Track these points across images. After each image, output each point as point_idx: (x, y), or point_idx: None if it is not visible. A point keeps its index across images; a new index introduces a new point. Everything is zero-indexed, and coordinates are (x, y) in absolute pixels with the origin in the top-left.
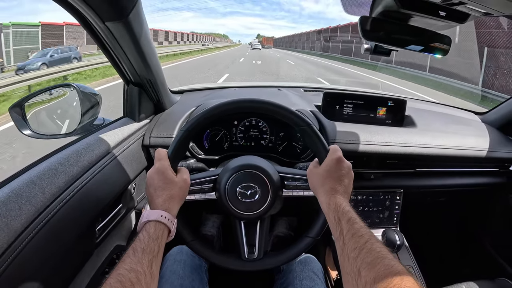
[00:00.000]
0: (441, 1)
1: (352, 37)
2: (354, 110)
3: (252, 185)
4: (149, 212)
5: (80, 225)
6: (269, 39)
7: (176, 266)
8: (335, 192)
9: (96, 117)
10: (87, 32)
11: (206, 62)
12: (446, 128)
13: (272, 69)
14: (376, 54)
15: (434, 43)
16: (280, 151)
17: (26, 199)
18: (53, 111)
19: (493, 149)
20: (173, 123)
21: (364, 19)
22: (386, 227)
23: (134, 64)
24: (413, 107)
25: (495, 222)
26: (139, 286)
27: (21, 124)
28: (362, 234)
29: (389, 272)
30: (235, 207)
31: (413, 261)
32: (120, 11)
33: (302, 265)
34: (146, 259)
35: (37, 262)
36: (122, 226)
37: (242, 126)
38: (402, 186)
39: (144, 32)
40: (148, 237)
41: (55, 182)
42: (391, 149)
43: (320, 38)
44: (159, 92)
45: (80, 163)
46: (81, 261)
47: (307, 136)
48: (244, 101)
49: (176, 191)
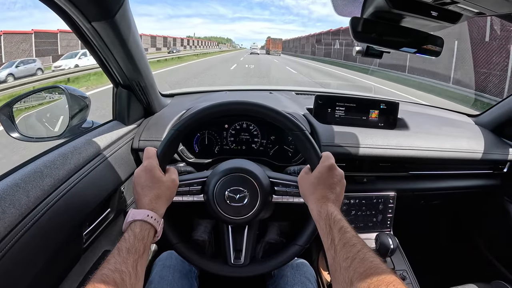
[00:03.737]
0: (433, 1)
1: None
2: (346, 113)
3: (241, 189)
4: (135, 211)
5: (66, 229)
6: (276, 42)
7: (165, 271)
8: (326, 200)
9: (85, 120)
10: (74, 33)
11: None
12: (439, 131)
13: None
14: (368, 56)
15: (427, 44)
16: (271, 155)
17: (10, 202)
18: (41, 114)
19: (486, 151)
20: (163, 126)
21: (355, 20)
22: (379, 231)
23: (123, 66)
24: (405, 110)
25: (490, 224)
26: (123, 286)
27: (9, 126)
28: (354, 243)
29: (382, 283)
30: (223, 211)
31: (407, 265)
32: (106, 11)
33: (294, 270)
34: (131, 259)
35: (21, 267)
36: (110, 230)
37: (233, 129)
38: (395, 189)
39: (132, 33)
40: (134, 237)
41: (40, 185)
42: (384, 152)
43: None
44: (149, 95)
45: (66, 166)
46: (68, 266)
47: (300, 142)
48: (237, 103)
49: (163, 190)
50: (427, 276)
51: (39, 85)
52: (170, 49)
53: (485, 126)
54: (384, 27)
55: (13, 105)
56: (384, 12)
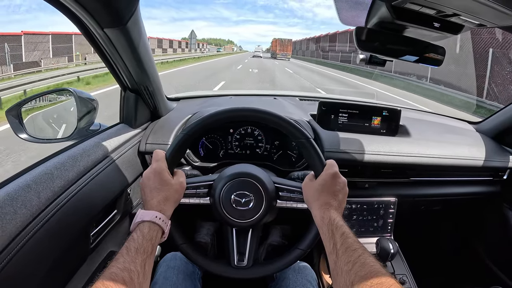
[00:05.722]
0: (435, 13)
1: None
2: (349, 120)
3: (247, 193)
4: (143, 212)
5: (75, 230)
6: (284, 43)
7: (169, 272)
8: (329, 206)
9: (92, 122)
10: (86, 38)
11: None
12: (440, 138)
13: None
14: (371, 64)
15: (429, 53)
16: (275, 160)
17: (22, 202)
18: (49, 116)
19: (487, 158)
20: (169, 130)
21: (359, 30)
22: (380, 235)
23: (132, 71)
24: (407, 117)
25: (489, 230)
26: (132, 285)
27: (18, 127)
28: (356, 248)
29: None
30: (229, 214)
31: (407, 269)
32: (119, 18)
33: (296, 273)
34: (140, 258)
35: (30, 266)
36: (116, 232)
37: (237, 134)
38: (396, 195)
39: (142, 39)
40: (142, 237)
41: (51, 187)
42: (386, 158)
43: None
44: (156, 99)
45: (76, 168)
46: (75, 266)
47: (305, 149)
48: (245, 109)
49: (171, 193)
50: (426, 280)
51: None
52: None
53: (486, 133)
54: (387, 36)
55: (22, 107)
56: (387, 23)
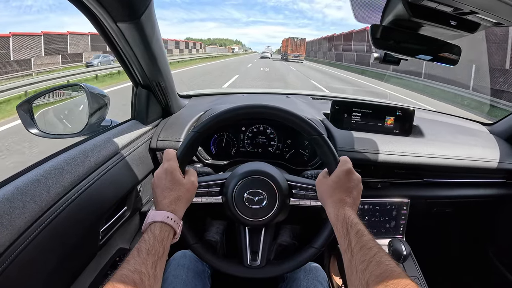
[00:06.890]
0: (452, 11)
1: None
2: (362, 119)
3: (260, 191)
4: (155, 213)
5: (84, 225)
6: (297, 42)
7: (179, 270)
8: (343, 203)
9: (103, 118)
10: (99, 32)
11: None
12: (453, 139)
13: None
14: (386, 63)
15: (444, 52)
16: (288, 158)
17: (31, 197)
18: (60, 111)
19: (500, 160)
20: (181, 127)
21: (374, 27)
22: (392, 237)
23: (144, 67)
24: (421, 117)
25: (502, 234)
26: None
27: (28, 122)
28: (371, 246)
29: (398, 286)
30: (241, 213)
31: (419, 271)
32: (133, 12)
33: (307, 273)
34: (151, 260)
35: (38, 261)
36: (126, 228)
37: (249, 132)
38: (409, 196)
39: (156, 34)
40: (153, 238)
41: (61, 182)
42: (399, 159)
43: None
44: (168, 95)
45: (86, 164)
46: (84, 262)
47: (318, 146)
48: (256, 106)
49: (183, 192)
50: (438, 283)
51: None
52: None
53: (499, 135)
54: (403, 34)
55: (33, 102)
56: (403, 20)
